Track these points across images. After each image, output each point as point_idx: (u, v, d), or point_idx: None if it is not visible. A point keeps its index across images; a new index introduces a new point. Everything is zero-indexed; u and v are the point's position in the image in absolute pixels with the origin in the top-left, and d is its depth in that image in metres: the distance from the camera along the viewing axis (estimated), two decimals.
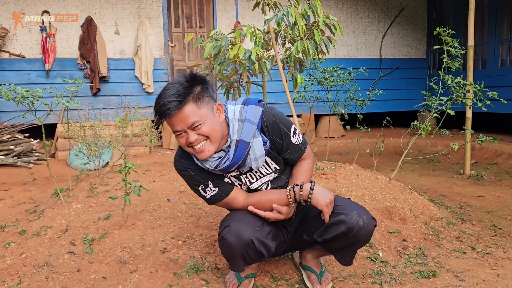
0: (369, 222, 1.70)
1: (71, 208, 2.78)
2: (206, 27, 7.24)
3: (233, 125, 1.74)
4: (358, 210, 1.71)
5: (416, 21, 8.36)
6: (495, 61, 7.02)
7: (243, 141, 1.72)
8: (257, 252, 1.75)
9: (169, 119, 1.63)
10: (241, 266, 1.80)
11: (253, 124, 1.73)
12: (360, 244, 1.76)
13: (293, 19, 3.05)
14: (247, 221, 1.76)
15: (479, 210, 3.26)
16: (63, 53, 6.54)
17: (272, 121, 1.78)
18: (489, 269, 2.22)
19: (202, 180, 1.82)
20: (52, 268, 2.18)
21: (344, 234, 1.69)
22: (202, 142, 1.66)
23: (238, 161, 1.73)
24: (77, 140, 3.71)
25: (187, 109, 1.61)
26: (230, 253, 1.76)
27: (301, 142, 1.88)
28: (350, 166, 3.56)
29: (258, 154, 1.75)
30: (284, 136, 1.81)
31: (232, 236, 1.70)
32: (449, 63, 3.34)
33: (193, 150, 1.68)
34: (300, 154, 1.89)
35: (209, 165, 1.73)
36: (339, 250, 1.81)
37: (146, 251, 2.30)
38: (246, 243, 1.70)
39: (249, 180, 1.88)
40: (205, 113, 1.64)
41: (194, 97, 1.62)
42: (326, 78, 4.46)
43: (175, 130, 1.66)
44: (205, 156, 1.68)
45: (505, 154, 5.37)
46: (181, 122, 1.62)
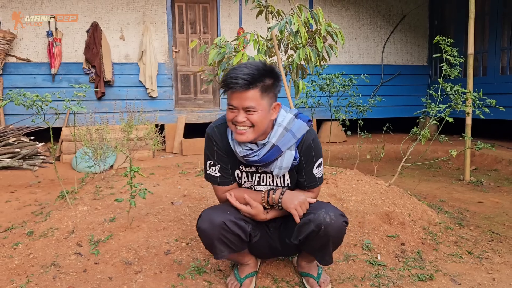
0: (337, 219, 1.78)
1: (77, 210, 2.84)
2: (210, 33, 7.33)
3: (277, 129, 1.82)
4: (326, 208, 1.80)
5: (417, 28, 8.44)
6: (495, 69, 7.07)
7: (278, 148, 1.80)
8: (234, 234, 1.82)
9: (231, 92, 1.72)
10: (224, 251, 1.85)
11: (294, 137, 1.82)
12: (332, 240, 1.82)
13: (295, 27, 3.13)
14: (218, 208, 1.89)
15: (477, 216, 3.31)
16: (68, 58, 6.64)
17: (309, 144, 1.88)
18: (485, 273, 2.27)
19: (215, 158, 1.91)
20: (59, 268, 2.24)
21: (315, 232, 1.77)
22: (246, 127, 1.74)
23: (265, 161, 1.82)
24: (83, 144, 3.78)
25: (251, 92, 1.70)
26: (208, 239, 1.84)
27: (319, 177, 1.97)
28: (351, 171, 3.62)
29: (285, 165, 1.84)
30: (309, 162, 1.91)
31: (205, 223, 1.81)
32: (448, 71, 3.41)
33: (234, 128, 1.77)
34: (312, 186, 1.97)
35: (239, 151, 1.82)
36: (317, 251, 1.88)
37: (151, 252, 2.36)
38: (219, 225, 1.79)
39: (258, 181, 1.95)
40: (263, 105, 1.73)
41: (262, 87, 1.71)
42: (327, 85, 4.53)
43: (230, 104, 1.74)
44: (241, 139, 1.76)
45: (505, 160, 5.41)
46: (239, 100, 1.71)
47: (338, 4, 7.90)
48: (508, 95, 6.58)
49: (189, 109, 7.33)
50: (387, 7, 8.21)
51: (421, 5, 8.39)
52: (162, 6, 6.97)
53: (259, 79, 1.69)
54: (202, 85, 3.53)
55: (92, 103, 6.64)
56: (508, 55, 6.97)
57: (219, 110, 7.36)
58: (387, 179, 3.48)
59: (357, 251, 2.42)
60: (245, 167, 1.94)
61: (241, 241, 1.88)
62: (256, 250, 2.07)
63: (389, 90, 8.20)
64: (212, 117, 7.23)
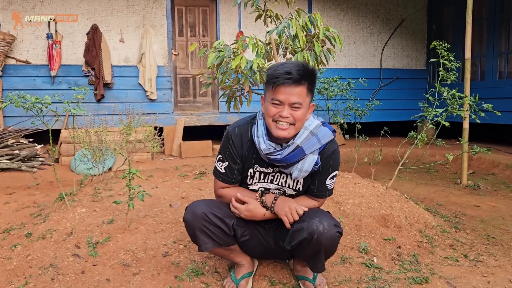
0: (330, 229, 1.78)
1: (76, 212, 2.86)
2: (209, 36, 7.36)
3: (303, 132, 1.85)
4: (320, 217, 1.80)
5: (416, 32, 8.48)
6: (493, 73, 7.11)
7: (302, 150, 1.82)
8: (215, 226, 1.85)
9: (279, 86, 1.73)
10: (207, 243, 1.88)
11: (319, 143, 1.85)
12: (324, 249, 1.82)
13: (294, 31, 3.15)
14: (203, 201, 1.93)
15: (474, 219, 3.33)
16: (68, 60, 6.66)
17: (330, 153, 1.91)
18: (480, 276, 2.29)
19: (226, 156, 1.94)
20: (57, 270, 2.25)
21: (307, 240, 1.78)
22: (287, 124, 1.77)
23: (287, 161, 1.83)
24: (82, 146, 3.80)
25: (301, 88, 1.74)
26: (191, 230, 1.89)
27: (330, 188, 2.00)
28: (349, 175, 3.64)
29: (305, 168, 1.85)
30: (325, 171, 1.94)
31: (188, 213, 1.87)
32: (445, 76, 3.44)
33: (274, 124, 1.79)
34: (321, 195, 1.99)
35: (263, 148, 1.83)
36: (309, 258, 1.89)
37: (149, 254, 2.37)
38: (200, 216, 1.83)
39: (271, 180, 1.97)
40: (306, 103, 1.79)
41: (309, 85, 1.77)
42: (326, 88, 4.56)
43: (276, 98, 1.75)
44: (283, 134, 1.78)
45: (502, 164, 5.43)
46: (288, 95, 1.73)
47: (337, 9, 7.94)
48: (505, 100, 6.61)
49: (188, 111, 7.35)
50: (386, 12, 8.25)
51: (420, 10, 8.43)
52: (162, 9, 7.00)
53: (307, 77, 1.74)
54: (201, 88, 3.55)
55: (91, 105, 6.66)
56: (505, 59, 7.01)
57: (218, 113, 7.38)
58: (385, 183, 3.50)
59: (353, 254, 2.43)
60: (260, 167, 1.95)
61: (225, 234, 1.90)
62: (249, 249, 2.09)
63: (387, 94, 8.23)
64: (211, 120, 7.25)
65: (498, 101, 5.84)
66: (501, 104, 6.04)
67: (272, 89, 1.76)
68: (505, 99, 6.62)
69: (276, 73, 1.73)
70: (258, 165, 1.95)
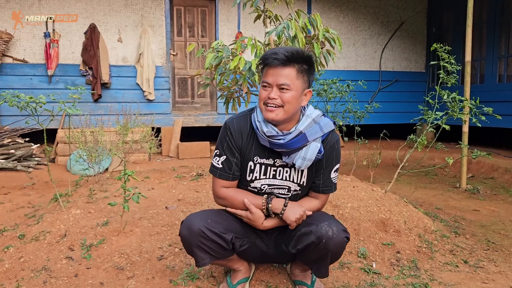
0: (339, 234, 1.74)
1: (70, 213, 2.81)
2: (208, 37, 7.32)
3: (306, 120, 1.82)
4: (329, 221, 1.77)
5: (415, 35, 8.46)
6: (493, 77, 7.09)
7: (305, 136, 1.79)
8: (213, 242, 1.79)
9: (269, 67, 1.75)
10: (205, 259, 1.83)
11: (321, 131, 1.82)
12: (331, 254, 1.78)
13: (293, 32, 3.12)
14: (200, 215, 1.86)
15: (473, 224, 3.30)
16: (65, 59, 6.61)
17: (333, 144, 1.89)
18: (481, 283, 2.25)
19: (223, 149, 1.89)
20: (50, 273, 2.21)
21: (315, 244, 1.74)
22: (276, 106, 1.74)
23: (289, 147, 1.79)
24: (77, 146, 3.75)
25: (288, 70, 1.73)
26: (187, 246, 1.83)
27: (334, 183, 1.96)
28: (347, 178, 3.60)
29: (309, 156, 1.81)
30: (330, 163, 1.91)
31: (185, 229, 1.81)
32: (445, 79, 3.40)
33: (265, 107, 1.77)
34: (326, 190, 1.95)
35: (266, 130, 1.79)
36: (314, 263, 1.84)
37: (143, 257, 2.33)
38: (197, 233, 1.77)
39: (274, 175, 1.91)
40: (297, 86, 1.75)
41: (299, 68, 1.74)
42: (325, 90, 4.52)
43: (266, 81, 1.76)
44: (270, 116, 1.75)
45: (501, 168, 5.41)
46: (276, 76, 1.73)
47: (337, 10, 7.92)
48: (505, 103, 6.59)
49: (186, 112, 7.31)
50: (386, 14, 8.23)
51: (419, 12, 8.41)
52: (160, 9, 6.96)
53: (298, 59, 1.73)
54: (199, 89, 3.51)
55: (88, 105, 6.61)
56: (505, 63, 6.99)
57: (216, 114, 7.34)
58: (384, 186, 3.47)
59: (352, 259, 2.39)
60: (260, 158, 1.89)
61: (222, 249, 1.84)
62: (247, 256, 2.04)
63: (386, 96, 8.20)
64: (209, 121, 7.20)
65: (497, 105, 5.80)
66: (500, 107, 6.01)
67: (263, 72, 1.78)
68: (505, 102, 6.60)
69: (265, 55, 1.75)
70: (258, 156, 1.88)
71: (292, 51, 1.72)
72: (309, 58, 1.76)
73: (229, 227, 1.88)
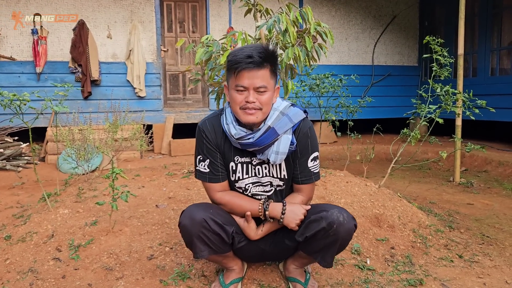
0: (349, 220, 1.75)
1: (58, 213, 2.75)
2: (199, 32, 7.24)
3: (273, 114, 1.79)
4: (338, 208, 1.77)
5: (408, 29, 8.43)
6: (485, 70, 7.08)
7: (274, 130, 1.76)
8: (214, 233, 1.76)
9: (242, 71, 1.66)
10: (204, 251, 1.79)
11: (291, 122, 1.78)
12: (339, 242, 1.77)
13: (284, 26, 3.06)
14: (202, 205, 1.83)
15: (468, 218, 3.27)
16: (54, 56, 6.50)
17: (306, 132, 1.84)
18: (476, 278, 2.22)
19: (205, 153, 1.85)
20: (36, 275, 2.15)
21: (325, 230, 1.72)
22: (255, 110, 1.70)
23: (260, 144, 1.75)
24: (65, 144, 3.68)
25: (264, 71, 1.68)
26: (188, 236, 1.78)
27: (315, 172, 1.91)
28: (341, 173, 3.56)
29: (282, 149, 1.78)
30: (305, 152, 1.86)
31: (186, 219, 1.76)
32: (438, 72, 3.37)
33: (243, 112, 1.71)
34: (306, 181, 1.90)
35: (234, 133, 1.76)
36: (320, 252, 1.81)
37: (133, 257, 2.28)
38: (199, 222, 1.73)
39: (256, 173, 1.88)
40: (271, 85, 1.73)
41: (272, 67, 1.71)
42: (317, 85, 4.48)
43: (240, 84, 1.68)
44: (251, 119, 1.71)
45: (495, 162, 5.40)
46: (251, 79, 1.67)
47: (329, 4, 7.86)
48: (498, 96, 6.58)
49: (178, 109, 7.23)
50: (378, 8, 8.19)
51: (412, 6, 8.38)
52: (150, 5, 6.86)
53: (269, 58, 1.69)
54: (189, 85, 3.45)
55: (78, 103, 6.51)
56: (497, 56, 6.98)
57: (208, 110, 7.27)
58: (377, 181, 3.44)
59: (345, 255, 2.36)
60: (240, 157, 1.86)
61: (222, 242, 1.81)
62: (243, 254, 2.00)
63: (379, 91, 8.17)
64: (201, 118, 7.13)
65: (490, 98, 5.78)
66: (493, 100, 5.99)
67: (235, 75, 1.69)
68: (497, 95, 6.60)
69: (237, 59, 1.66)
70: (238, 156, 1.86)
71: (263, 51, 1.67)
72: (276, 54, 1.73)
73: (231, 221, 1.87)
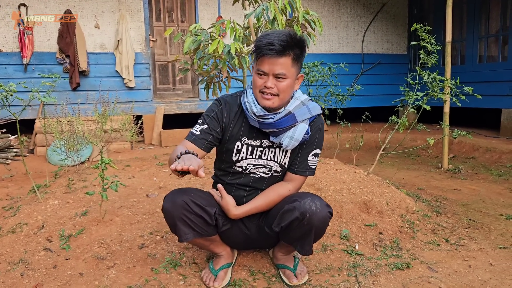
0: (322, 208, 1.77)
1: (48, 204, 2.75)
2: (188, 21, 7.18)
3: (295, 102, 1.83)
4: (311, 197, 1.80)
5: (397, 17, 8.44)
6: (473, 57, 7.14)
7: (294, 116, 1.80)
8: (196, 215, 1.79)
9: (264, 56, 1.70)
10: (188, 234, 1.81)
11: (309, 113, 1.84)
12: (315, 230, 1.80)
13: (272, 14, 3.06)
14: (183, 190, 1.85)
15: (455, 203, 3.33)
16: (41, 47, 6.41)
17: (317, 127, 1.90)
18: (462, 261, 2.27)
19: (208, 119, 1.87)
20: (27, 265, 2.15)
21: (299, 220, 1.75)
22: (271, 95, 1.74)
23: (278, 126, 1.79)
24: (54, 136, 3.66)
25: (285, 59, 1.70)
26: (170, 219, 1.80)
27: (312, 167, 1.95)
28: (330, 161, 3.59)
29: (296, 136, 1.81)
30: (310, 145, 1.91)
31: (168, 203, 1.79)
32: (426, 59, 3.40)
33: (261, 95, 1.76)
34: (300, 172, 1.94)
35: (256, 111, 1.79)
36: (298, 240, 1.85)
37: (124, 246, 2.29)
38: (180, 205, 1.76)
39: (259, 155, 1.91)
40: (292, 73, 1.75)
41: (294, 55, 1.72)
42: (307, 73, 4.48)
43: (261, 69, 1.73)
44: (267, 104, 1.75)
45: (482, 148, 5.48)
46: (272, 66, 1.70)
47: None
48: (485, 83, 6.65)
49: (168, 99, 7.20)
50: None
51: None
52: None
53: (292, 47, 1.70)
54: (178, 74, 3.44)
55: (67, 94, 6.45)
56: (485, 43, 7.03)
57: (198, 100, 7.25)
58: (366, 168, 3.47)
59: (335, 241, 2.39)
60: (248, 139, 1.89)
61: (205, 224, 1.83)
62: (229, 240, 2.03)
63: (369, 79, 8.20)
64: (191, 108, 7.12)
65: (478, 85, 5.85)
66: (481, 87, 6.07)
67: (257, 59, 1.75)
68: (485, 82, 6.66)
69: (260, 44, 1.71)
70: (246, 137, 1.89)
71: (287, 39, 1.69)
72: (302, 42, 1.74)
73: (213, 203, 1.89)
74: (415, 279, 2.06)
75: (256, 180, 1.94)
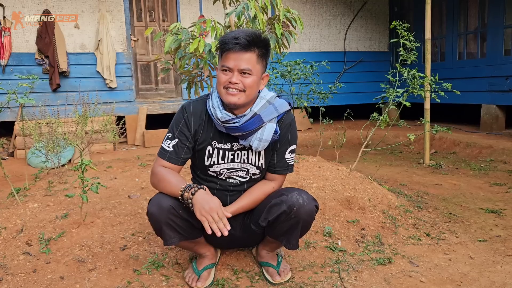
0: (309, 202, 1.79)
1: (27, 207, 2.70)
2: (169, 21, 7.13)
3: (260, 101, 1.82)
4: (298, 191, 1.82)
5: (378, 15, 8.52)
6: (453, 54, 7.25)
7: (260, 117, 1.78)
8: (183, 219, 1.77)
9: (229, 51, 1.70)
10: (173, 238, 1.79)
11: (276, 111, 1.82)
12: (302, 224, 1.81)
13: (253, 12, 3.05)
14: (168, 196, 1.80)
15: (436, 198, 3.38)
16: (19, 48, 6.29)
17: (288, 124, 1.88)
18: (442, 254, 2.31)
19: (177, 132, 1.84)
20: (6, 270, 2.11)
21: (286, 213, 1.76)
22: (237, 90, 1.72)
23: (245, 129, 1.77)
24: (33, 138, 3.59)
25: (250, 55, 1.70)
26: (156, 223, 1.78)
27: (290, 164, 1.95)
28: (314, 158, 3.61)
29: (265, 137, 1.80)
30: (284, 143, 1.90)
31: (154, 207, 1.76)
32: (405, 56, 3.43)
33: (225, 91, 1.73)
34: (281, 171, 1.94)
35: (220, 116, 1.77)
36: (284, 234, 1.85)
37: (106, 248, 2.26)
38: (167, 209, 1.74)
39: (232, 159, 1.89)
40: (257, 70, 1.74)
41: (260, 52, 1.73)
42: (289, 72, 4.50)
43: (226, 65, 1.71)
44: (232, 100, 1.72)
45: (463, 143, 5.57)
46: (237, 61, 1.69)
47: None
48: (464, 80, 6.76)
49: (151, 99, 7.14)
50: None
51: None
52: None
53: (257, 43, 1.71)
54: (159, 74, 3.41)
55: (47, 95, 6.34)
56: (465, 40, 7.15)
57: (181, 100, 7.21)
58: (349, 165, 3.50)
59: (317, 238, 2.40)
60: (218, 143, 1.86)
61: (191, 227, 1.82)
62: (214, 240, 2.01)
63: (351, 77, 8.26)
64: (174, 108, 7.07)
65: (458, 81, 5.95)
66: (460, 84, 6.17)
67: (222, 56, 1.73)
68: (465, 79, 6.77)
69: (225, 39, 1.70)
70: (216, 141, 1.87)
71: (252, 35, 1.69)
72: (268, 42, 1.75)
73: None
74: (397, 274, 2.08)
75: (235, 185, 1.94)
